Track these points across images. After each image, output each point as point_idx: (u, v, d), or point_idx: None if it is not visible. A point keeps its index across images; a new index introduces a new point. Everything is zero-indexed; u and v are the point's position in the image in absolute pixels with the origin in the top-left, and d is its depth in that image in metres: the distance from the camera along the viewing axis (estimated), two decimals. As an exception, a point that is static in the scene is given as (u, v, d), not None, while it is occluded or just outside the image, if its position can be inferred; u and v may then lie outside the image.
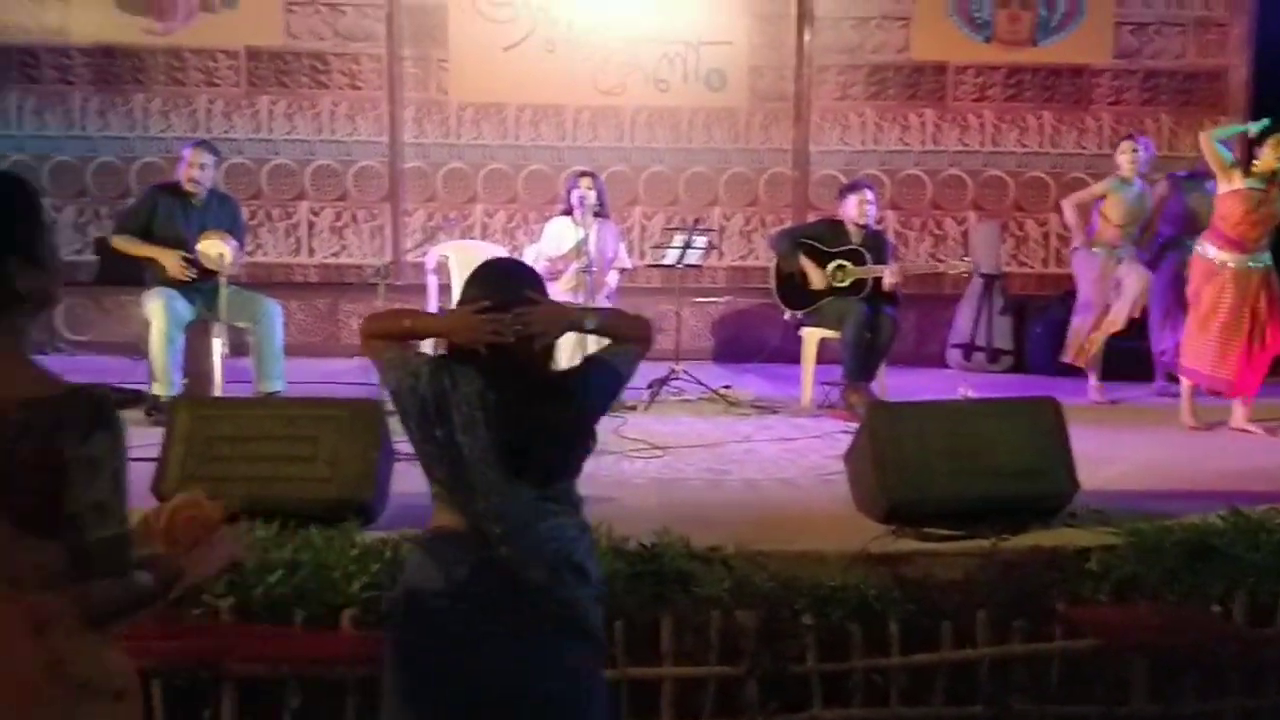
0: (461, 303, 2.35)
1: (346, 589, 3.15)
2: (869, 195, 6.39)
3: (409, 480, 3.76)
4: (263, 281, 6.68)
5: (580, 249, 6.11)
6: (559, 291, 5.86)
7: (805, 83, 7.95)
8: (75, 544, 1.71)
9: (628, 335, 2.40)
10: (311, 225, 7.96)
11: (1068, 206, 6.73)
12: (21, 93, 7.78)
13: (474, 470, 2.18)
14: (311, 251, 7.97)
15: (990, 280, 7.79)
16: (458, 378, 2.22)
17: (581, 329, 2.40)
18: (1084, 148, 8.04)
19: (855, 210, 6.34)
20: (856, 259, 6.27)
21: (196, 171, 5.81)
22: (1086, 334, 6.54)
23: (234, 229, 5.88)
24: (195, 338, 5.73)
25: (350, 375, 6.18)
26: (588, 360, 2.40)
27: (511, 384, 2.22)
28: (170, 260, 5.65)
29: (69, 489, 1.69)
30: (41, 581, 1.71)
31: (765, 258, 7.20)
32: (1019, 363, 7.69)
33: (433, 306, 6.94)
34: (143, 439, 3.67)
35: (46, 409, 1.70)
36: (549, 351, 2.33)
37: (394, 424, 2.34)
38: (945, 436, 3.98)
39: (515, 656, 2.15)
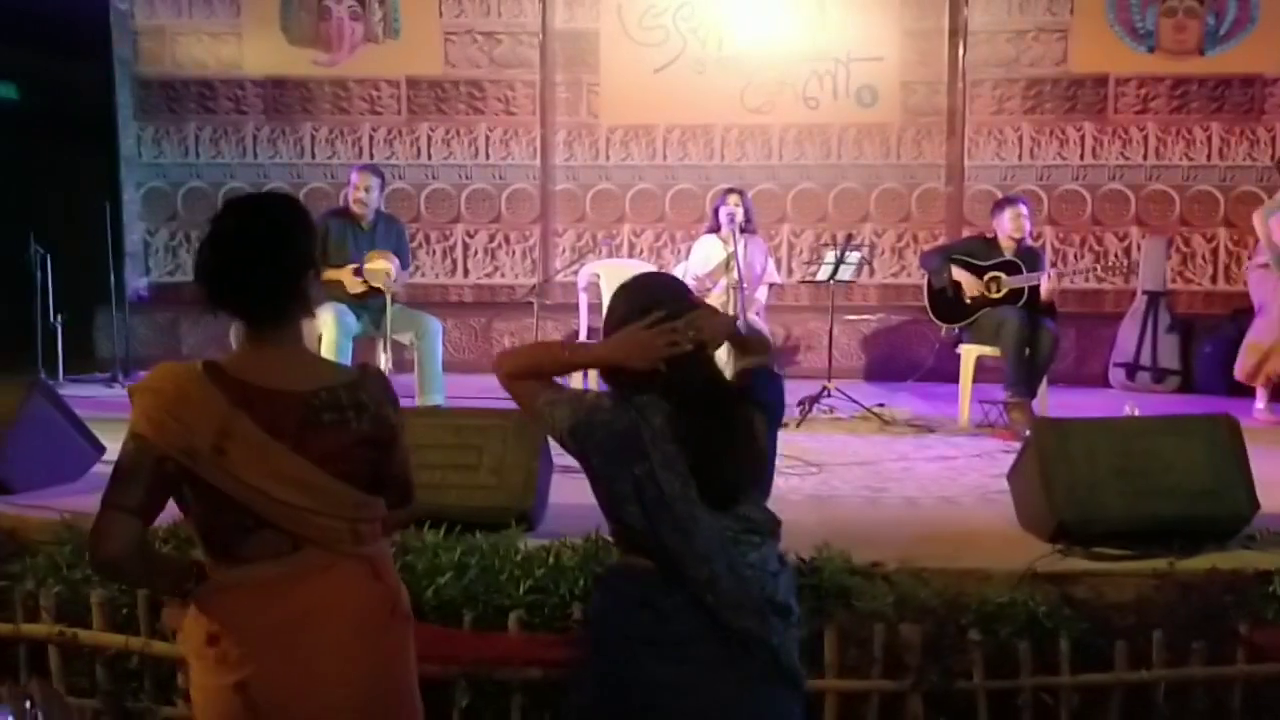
0: (610, 320, 2.24)
1: (513, 592, 3.22)
2: (1024, 210, 6.24)
3: (565, 490, 3.85)
4: (420, 301, 6.89)
5: (729, 265, 6.14)
6: (709, 309, 5.89)
7: (959, 97, 7.84)
8: (399, 488, 2.08)
9: (758, 350, 2.31)
10: (466, 246, 8.20)
11: (1258, 219, 6.41)
12: (199, 123, 8.23)
13: (677, 507, 2.03)
14: (467, 272, 8.20)
15: (1155, 297, 7.49)
16: (644, 410, 2.08)
17: (735, 335, 2.31)
18: (1255, 160, 7.69)
19: (1010, 225, 6.20)
20: (1011, 271, 6.13)
21: (363, 194, 6.06)
22: (1264, 353, 6.22)
23: (399, 249, 6.12)
24: (362, 353, 5.96)
25: (503, 390, 6.30)
26: (745, 371, 2.27)
27: (699, 400, 2.09)
28: (347, 277, 5.89)
29: (397, 448, 2.05)
30: (374, 533, 2.01)
31: (918, 275, 7.09)
32: (1186, 383, 7.38)
33: (583, 325, 7.06)
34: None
35: (366, 388, 2.00)
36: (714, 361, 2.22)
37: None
38: (1115, 454, 3.84)
39: (716, 705, 2.01)
